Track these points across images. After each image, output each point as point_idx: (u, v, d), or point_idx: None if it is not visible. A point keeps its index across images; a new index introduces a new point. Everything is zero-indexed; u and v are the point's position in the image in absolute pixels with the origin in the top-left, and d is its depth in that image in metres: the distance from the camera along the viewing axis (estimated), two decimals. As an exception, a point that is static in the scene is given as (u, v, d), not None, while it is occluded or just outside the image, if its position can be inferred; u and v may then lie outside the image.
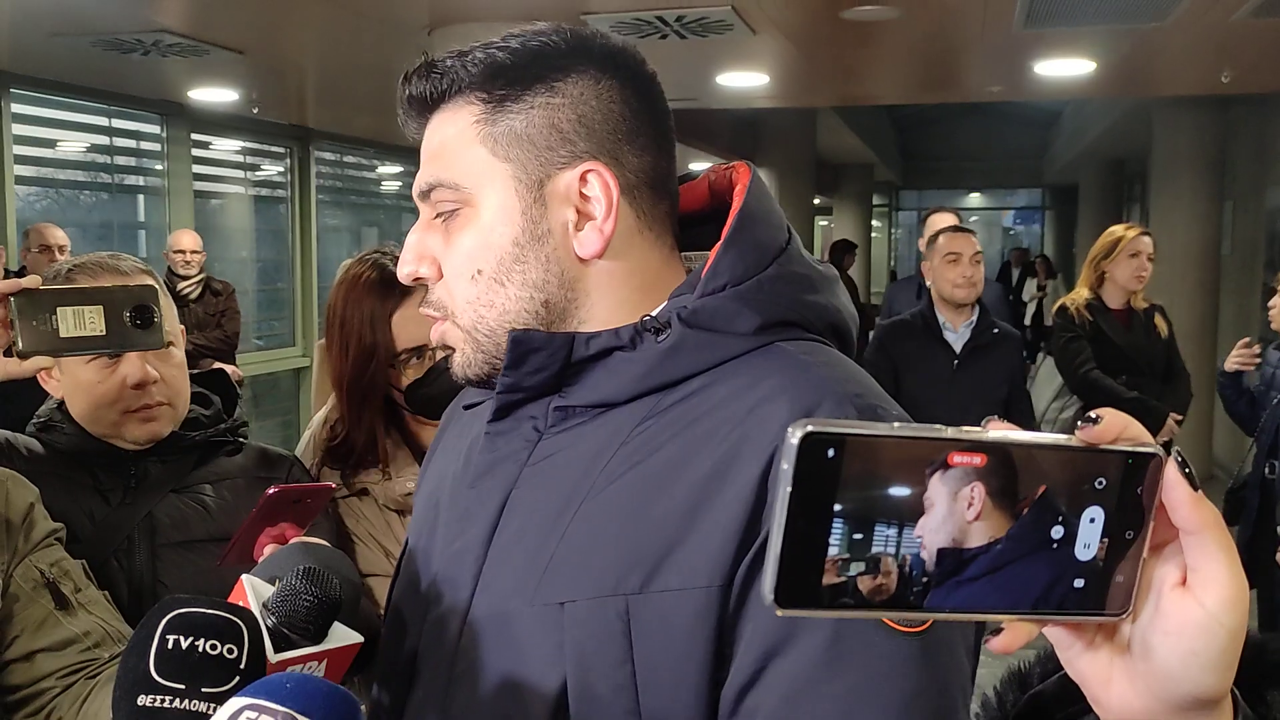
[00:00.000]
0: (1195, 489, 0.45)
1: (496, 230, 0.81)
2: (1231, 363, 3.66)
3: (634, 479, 0.77)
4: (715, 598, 0.72)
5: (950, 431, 0.42)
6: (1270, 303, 3.72)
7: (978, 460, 0.43)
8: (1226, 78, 5.19)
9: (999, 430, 0.44)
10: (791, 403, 0.74)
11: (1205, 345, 6.91)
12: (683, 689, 0.72)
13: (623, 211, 0.82)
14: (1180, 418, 3.75)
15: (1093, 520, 0.45)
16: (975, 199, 20.13)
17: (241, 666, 0.76)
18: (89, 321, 1.05)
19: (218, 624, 0.77)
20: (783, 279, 0.81)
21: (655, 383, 0.79)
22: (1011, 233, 20.43)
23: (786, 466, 0.41)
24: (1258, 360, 3.62)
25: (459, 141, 0.82)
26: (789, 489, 0.41)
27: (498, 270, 0.81)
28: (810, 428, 0.40)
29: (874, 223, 15.86)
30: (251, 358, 6.65)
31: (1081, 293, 3.83)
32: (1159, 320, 3.84)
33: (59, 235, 4.53)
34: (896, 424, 0.42)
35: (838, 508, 0.41)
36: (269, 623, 0.84)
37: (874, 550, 0.42)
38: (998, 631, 0.46)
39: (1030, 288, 12.96)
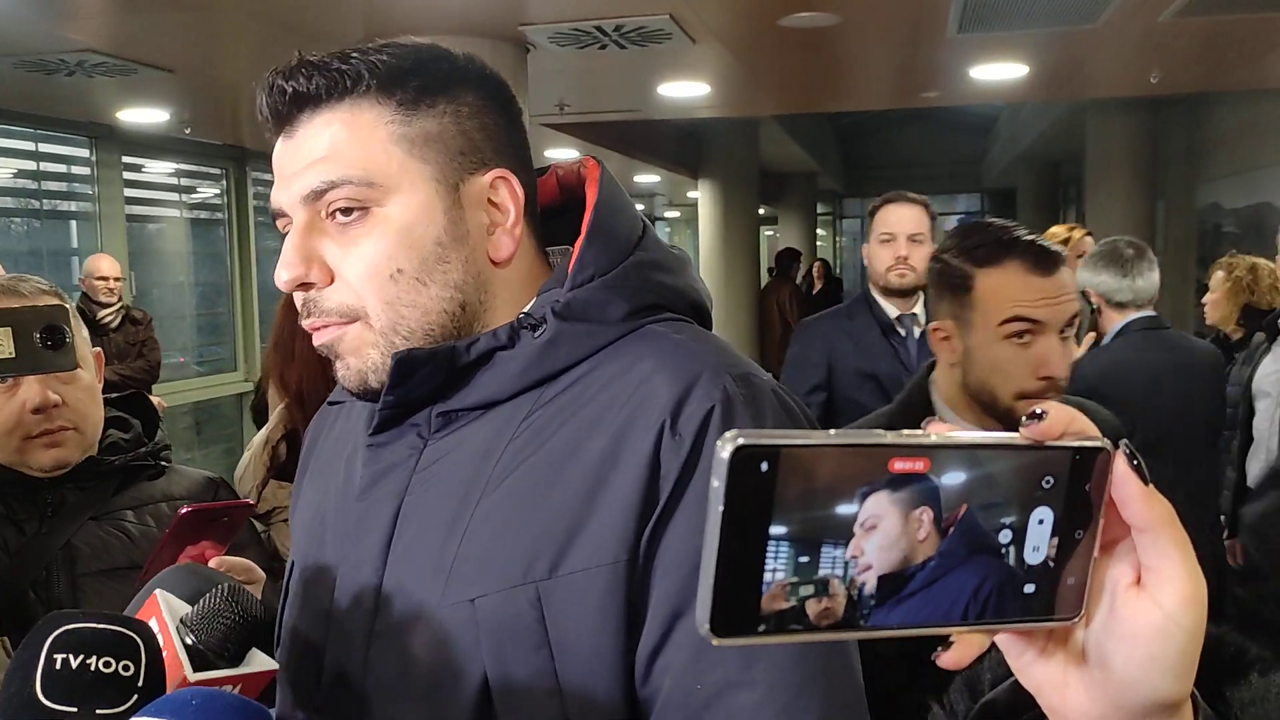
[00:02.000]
0: (1146, 483, 0.42)
1: (418, 229, 0.81)
2: None
3: (528, 470, 0.79)
4: (621, 572, 0.75)
5: (890, 436, 0.39)
6: (1204, 299, 3.81)
7: (920, 465, 0.39)
8: (1155, 78, 5.30)
9: (941, 432, 0.41)
10: (670, 378, 0.78)
11: (1144, 342, 7.04)
12: (599, 663, 0.75)
13: (522, 219, 0.85)
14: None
15: (1041, 521, 0.42)
16: (916, 205, 20.41)
17: (140, 684, 0.70)
18: None
19: (110, 640, 0.70)
20: (644, 265, 0.85)
21: (536, 377, 0.81)
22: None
23: (718, 484, 0.37)
24: None
25: (367, 141, 0.80)
26: (721, 508, 0.37)
27: (420, 269, 0.81)
28: (742, 440, 0.37)
29: (819, 231, 16.01)
30: (192, 383, 6.52)
31: None
32: (1100, 317, 3.90)
33: (-9, 264, 4.39)
34: (833, 431, 0.39)
35: (774, 526, 0.38)
36: (187, 640, 0.79)
37: (815, 571, 0.39)
38: (947, 645, 0.44)
39: None
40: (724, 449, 0.37)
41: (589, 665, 0.75)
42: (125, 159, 6.14)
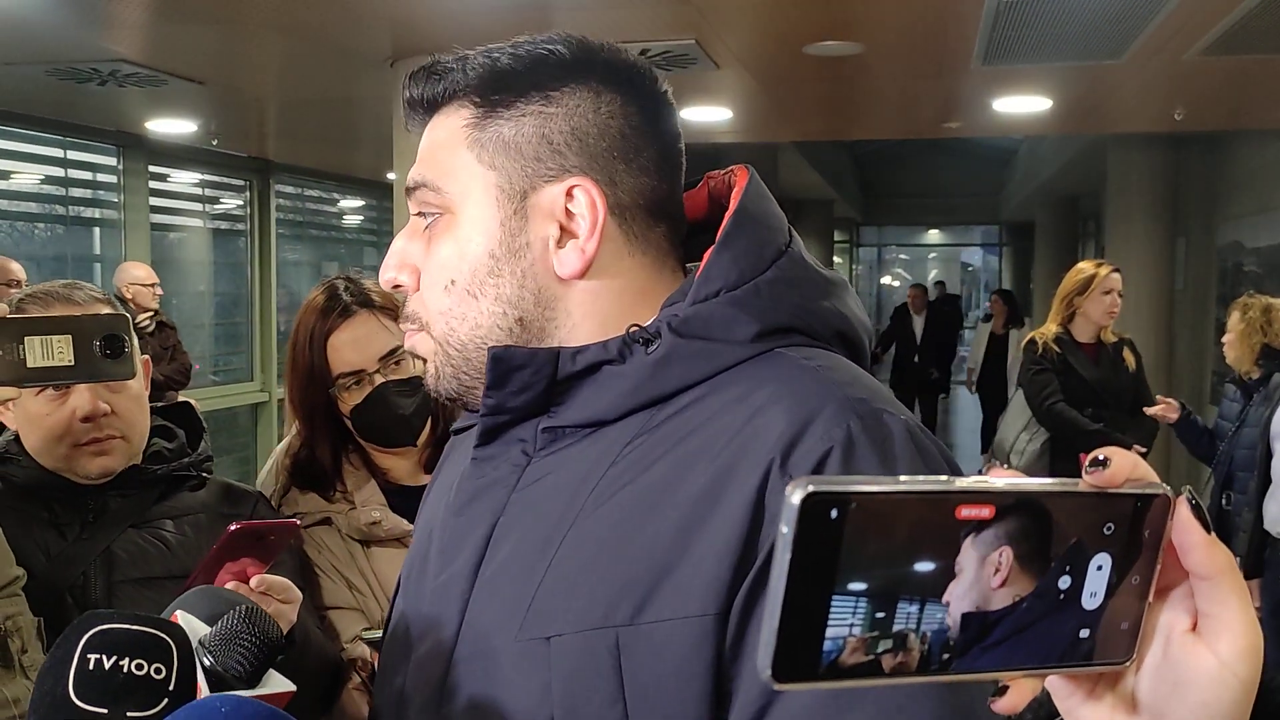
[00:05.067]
0: (1209, 531, 0.42)
1: (473, 240, 0.78)
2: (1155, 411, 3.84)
3: (623, 501, 0.72)
4: (711, 627, 0.66)
5: (959, 482, 0.40)
6: (1223, 339, 3.81)
7: (986, 512, 0.40)
8: (1179, 115, 5.30)
9: (1007, 479, 0.41)
10: (789, 410, 0.69)
11: (1160, 379, 7.00)
12: None
13: (610, 232, 0.78)
14: (1145, 450, 3.79)
15: (1100, 568, 0.43)
16: (934, 235, 20.41)
17: (170, 688, 0.70)
18: (57, 351, 1.01)
19: (144, 641, 0.70)
20: (782, 282, 0.77)
21: (647, 397, 0.74)
22: (970, 268, 20.73)
23: (786, 531, 0.37)
24: (1175, 414, 3.80)
25: (447, 145, 0.79)
26: (789, 556, 0.37)
27: (470, 282, 0.78)
28: (811, 487, 0.37)
29: (835, 259, 16.01)
30: (209, 392, 6.55)
31: (1050, 328, 3.89)
32: (1127, 354, 3.90)
33: (15, 269, 4.43)
34: (903, 478, 0.39)
35: (842, 572, 0.38)
36: (205, 662, 0.78)
37: (887, 622, 0.39)
38: (1001, 690, 0.44)
39: (982, 333, 9.35)
40: (794, 495, 0.37)
41: None
42: (151, 168, 6.19)
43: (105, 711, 0.68)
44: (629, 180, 0.79)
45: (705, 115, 5.54)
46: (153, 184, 6.24)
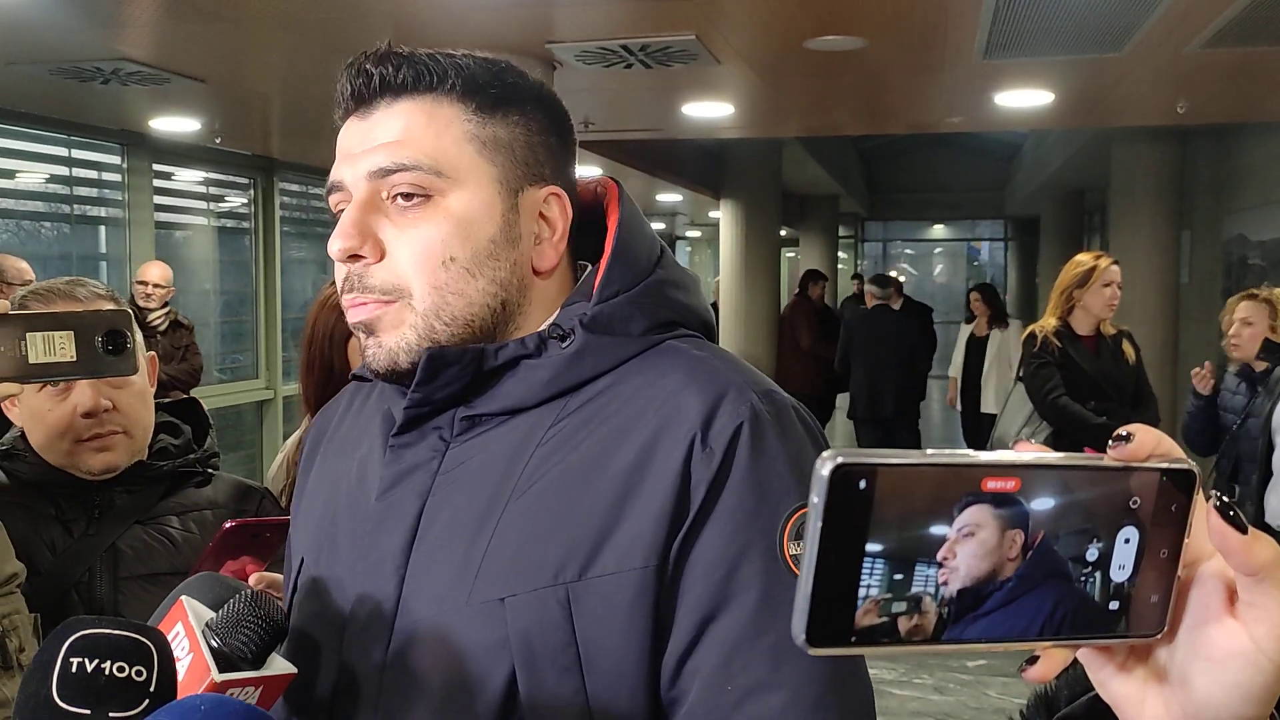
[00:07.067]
0: (1244, 531, 0.42)
1: (476, 224, 0.85)
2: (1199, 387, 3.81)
3: (556, 477, 0.81)
4: (651, 577, 0.77)
5: (984, 456, 0.41)
6: (1231, 331, 3.80)
7: (1011, 485, 0.41)
8: (1182, 108, 5.29)
9: (1032, 453, 0.42)
10: (699, 393, 0.81)
11: (1165, 373, 7.00)
12: (625, 664, 0.77)
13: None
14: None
15: (1128, 541, 0.43)
16: (939, 230, 20.38)
17: (151, 689, 0.71)
18: (59, 347, 1.02)
19: (125, 645, 0.72)
20: (666, 284, 0.90)
21: (562, 386, 0.84)
22: (976, 264, 20.70)
23: (817, 500, 0.38)
24: (1211, 381, 3.79)
25: (442, 134, 0.84)
26: (820, 524, 0.38)
27: (471, 261, 0.84)
28: (841, 459, 0.38)
29: (840, 254, 16.00)
30: (214, 390, 6.57)
31: (1050, 321, 3.88)
32: (1127, 346, 3.90)
33: (24, 267, 4.45)
34: (929, 451, 0.40)
35: (870, 542, 0.39)
36: (213, 643, 0.81)
37: (909, 588, 0.40)
38: (1033, 660, 0.45)
39: (962, 338, 7.65)
40: (823, 467, 0.38)
41: (615, 665, 0.77)
42: (156, 166, 6.21)
43: (88, 712, 0.69)
44: (570, 196, 0.91)
45: (707, 111, 5.54)
46: (157, 182, 6.25)
